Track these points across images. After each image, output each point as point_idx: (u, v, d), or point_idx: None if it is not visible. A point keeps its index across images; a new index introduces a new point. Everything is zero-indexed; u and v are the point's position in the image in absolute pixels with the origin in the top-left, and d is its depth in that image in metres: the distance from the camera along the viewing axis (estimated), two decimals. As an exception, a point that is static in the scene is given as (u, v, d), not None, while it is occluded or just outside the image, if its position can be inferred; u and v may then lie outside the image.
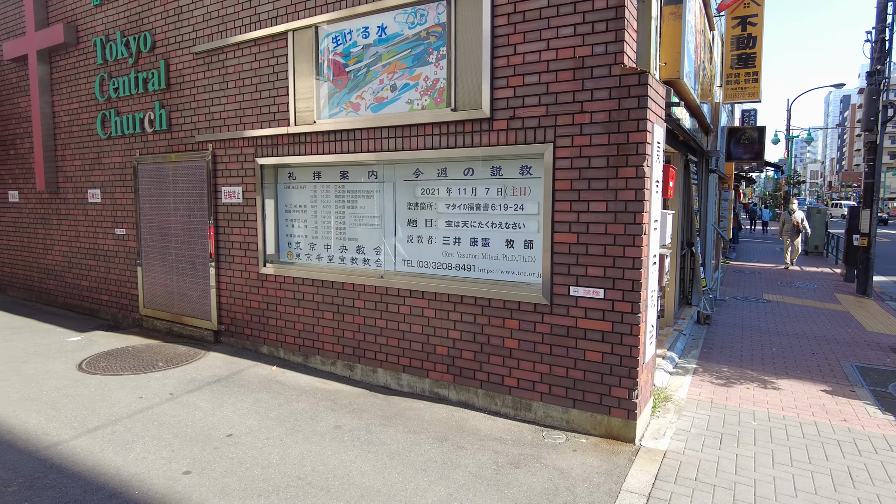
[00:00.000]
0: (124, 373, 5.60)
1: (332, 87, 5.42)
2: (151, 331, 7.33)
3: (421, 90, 4.85)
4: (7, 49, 8.79)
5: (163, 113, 6.86)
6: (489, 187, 4.69)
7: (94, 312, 8.27)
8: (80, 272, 8.40)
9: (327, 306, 5.63)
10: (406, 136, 4.95)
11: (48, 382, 5.31)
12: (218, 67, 6.27)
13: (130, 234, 7.55)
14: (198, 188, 6.64)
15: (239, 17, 6.01)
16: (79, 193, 8.25)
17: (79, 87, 7.99)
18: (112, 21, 7.40)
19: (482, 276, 4.79)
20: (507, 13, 4.34)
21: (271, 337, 6.14)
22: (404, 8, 4.87)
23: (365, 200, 5.48)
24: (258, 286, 6.18)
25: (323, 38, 5.43)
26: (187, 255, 6.85)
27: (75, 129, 8.15)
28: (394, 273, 5.27)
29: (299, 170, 5.93)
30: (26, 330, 7.36)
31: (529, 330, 4.44)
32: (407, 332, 5.11)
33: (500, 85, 4.42)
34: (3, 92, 9.37)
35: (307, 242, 5.97)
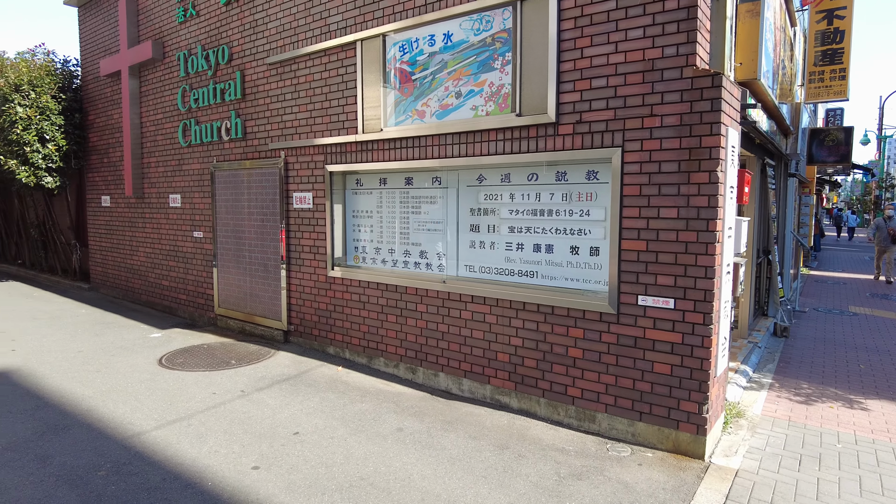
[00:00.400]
0: (200, 369, 5.90)
1: (399, 95, 5.51)
2: (225, 329, 7.68)
3: (485, 96, 4.86)
4: (104, 66, 9.50)
5: (238, 122, 7.20)
6: (554, 193, 4.63)
7: (173, 311, 8.77)
8: (162, 272, 8.94)
9: (391, 309, 5.73)
10: (470, 143, 4.97)
11: (133, 375, 5.67)
12: (290, 77, 6.52)
13: (207, 237, 7.96)
14: (270, 194, 6.92)
15: (310, 29, 6.23)
16: (161, 198, 8.79)
17: (163, 98, 8.52)
18: (194, 36, 7.84)
19: (545, 283, 4.74)
20: (574, 17, 4.28)
21: (337, 338, 6.30)
22: (470, 15, 4.90)
23: (428, 206, 5.54)
24: (326, 288, 6.36)
25: (390, 46, 5.54)
26: (260, 257, 7.15)
27: (159, 138, 8.69)
28: (456, 278, 5.29)
29: (366, 176, 6.07)
30: (115, 325, 7.89)
31: (595, 340, 4.35)
32: (468, 337, 5.12)
33: (567, 89, 4.36)
34: (99, 105, 10.13)
35: (373, 247, 6.09)
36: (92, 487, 3.54)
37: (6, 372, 5.75)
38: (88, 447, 4.08)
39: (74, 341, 6.98)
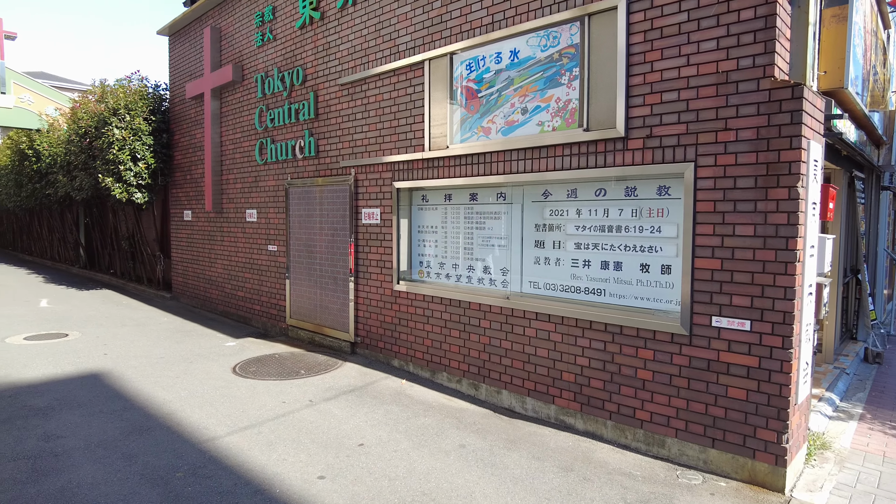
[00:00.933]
0: (270, 378, 6.12)
1: (465, 112, 5.58)
2: (295, 340, 7.95)
3: (552, 112, 4.84)
4: (189, 89, 10.17)
5: (311, 140, 7.49)
6: (623, 208, 4.53)
7: (247, 320, 9.16)
8: (238, 284, 9.37)
9: (454, 324, 5.75)
10: (536, 158, 4.95)
11: (209, 382, 5.95)
12: (360, 97, 6.74)
13: (281, 250, 8.29)
14: (341, 209, 7.14)
15: (380, 50, 6.42)
16: (239, 213, 9.24)
17: (242, 118, 8.99)
18: (271, 59, 8.26)
19: (613, 302, 4.62)
20: (644, 30, 4.20)
21: (402, 351, 6.38)
22: (537, 31, 4.91)
23: (493, 222, 5.54)
24: (391, 302, 6.47)
25: (457, 65, 5.62)
26: (329, 270, 7.37)
27: (238, 156, 9.17)
28: (520, 295, 5.25)
29: (432, 192, 6.16)
30: (193, 334, 8.33)
31: (665, 361, 4.19)
32: (532, 355, 5.06)
33: (636, 103, 4.27)
34: (184, 125, 10.82)
35: (437, 261, 6.15)
36: (171, 487, 3.74)
37: (99, 374, 6.19)
38: (168, 449, 4.31)
39: (157, 347, 7.42)
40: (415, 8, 5.99)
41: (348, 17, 6.85)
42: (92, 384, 5.85)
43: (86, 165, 11.67)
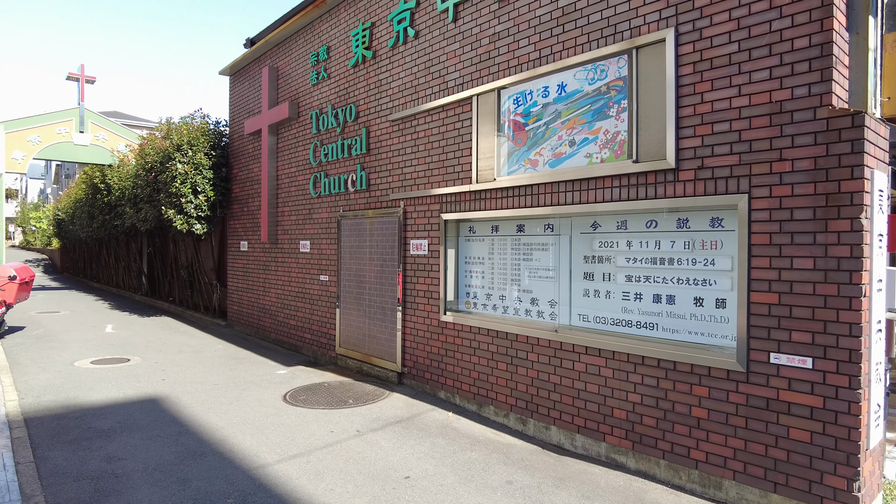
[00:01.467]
0: (319, 407, 6.20)
1: (512, 145, 5.64)
2: (344, 369, 8.05)
3: (600, 144, 4.83)
4: (248, 125, 10.68)
5: (363, 174, 7.71)
6: (675, 240, 4.44)
7: (298, 349, 9.35)
8: (290, 312, 9.61)
9: (501, 357, 5.71)
10: (584, 190, 4.93)
11: (260, 410, 6.08)
12: (410, 132, 6.91)
13: (332, 279, 8.48)
14: (390, 241, 7.27)
15: (429, 87, 6.60)
16: (293, 244, 9.53)
17: (297, 153, 9.35)
18: (325, 97, 8.60)
19: (666, 337, 4.50)
20: (693, 62, 4.18)
21: (448, 383, 6.36)
22: (584, 65, 4.95)
23: (540, 253, 5.52)
24: (438, 332, 6.49)
25: (504, 99, 5.71)
26: (378, 300, 7.48)
27: (293, 189, 9.51)
28: (569, 328, 5.18)
29: (479, 224, 6.21)
30: (246, 361, 8.56)
31: (721, 399, 4.03)
32: (582, 390, 4.96)
33: (687, 134, 4.23)
34: (242, 160, 11.33)
35: (484, 293, 6.15)
36: (222, 514, 3.81)
37: (157, 399, 6.42)
38: (220, 475, 4.42)
39: (212, 374, 7.66)
40: (463, 45, 6.15)
41: (399, 55, 7.09)
42: (150, 408, 6.07)
43: (150, 198, 12.34)
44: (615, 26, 4.69)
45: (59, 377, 7.39)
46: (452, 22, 6.29)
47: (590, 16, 4.89)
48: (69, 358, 8.58)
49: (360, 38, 7.75)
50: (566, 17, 5.09)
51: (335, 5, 8.35)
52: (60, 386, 6.95)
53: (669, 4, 4.33)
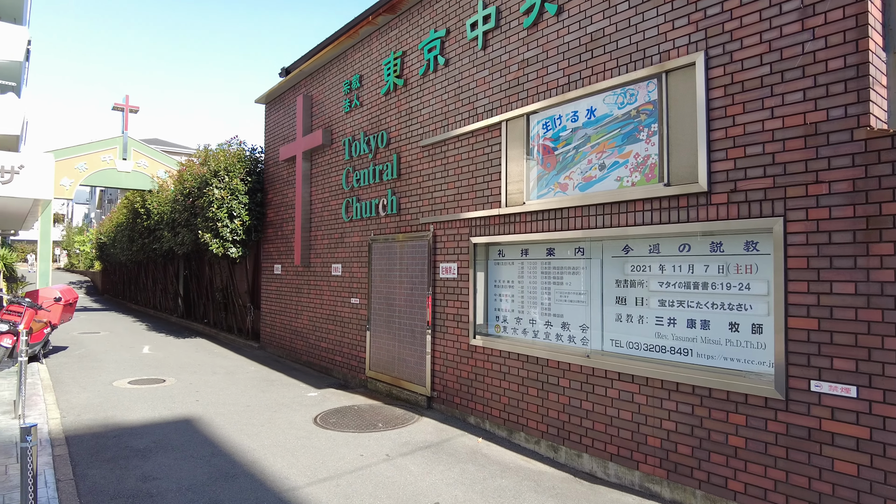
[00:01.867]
0: (349, 430, 6.22)
1: (542, 169, 5.66)
2: (374, 392, 8.06)
3: (631, 167, 4.82)
4: (283, 152, 10.97)
5: (394, 199, 7.82)
6: (708, 264, 4.37)
7: (329, 371, 9.41)
8: (321, 335, 9.70)
9: (532, 382, 5.65)
10: (615, 213, 4.91)
11: (290, 432, 6.13)
12: (440, 158, 7.00)
13: (362, 302, 8.56)
14: (419, 264, 7.33)
15: (459, 113, 6.70)
16: (325, 267, 9.67)
17: (330, 179, 9.54)
18: (358, 124, 8.79)
19: (701, 363, 4.40)
20: (724, 85, 4.16)
21: (478, 408, 6.32)
22: (614, 90, 4.97)
23: (571, 277, 5.49)
24: (468, 357, 6.47)
25: (534, 124, 5.76)
26: (408, 323, 7.51)
27: (325, 213, 9.68)
28: (601, 353, 5.11)
29: (508, 247, 6.21)
30: (278, 383, 8.65)
31: (759, 428, 3.91)
32: (615, 417, 4.86)
33: (718, 157, 4.19)
34: (277, 185, 11.61)
35: (514, 317, 6.13)
36: (253, 535, 3.83)
37: (191, 419, 6.53)
38: (251, 497, 4.45)
39: (244, 396, 7.76)
40: (492, 72, 6.24)
41: (430, 83, 7.23)
42: (184, 429, 6.18)
43: (188, 222, 12.71)
44: (644, 51, 4.71)
45: (99, 397, 7.59)
46: (482, 49, 6.40)
47: (618, 41, 4.93)
48: (108, 378, 8.81)
49: (392, 67, 7.94)
50: (594, 43, 5.13)
51: (367, 35, 8.59)
52: (100, 405, 7.13)
53: (699, 28, 4.34)
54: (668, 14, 4.55)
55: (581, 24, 5.27)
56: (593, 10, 5.17)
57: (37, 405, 6.80)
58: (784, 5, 3.88)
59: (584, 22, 5.25)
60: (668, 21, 4.55)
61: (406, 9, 7.72)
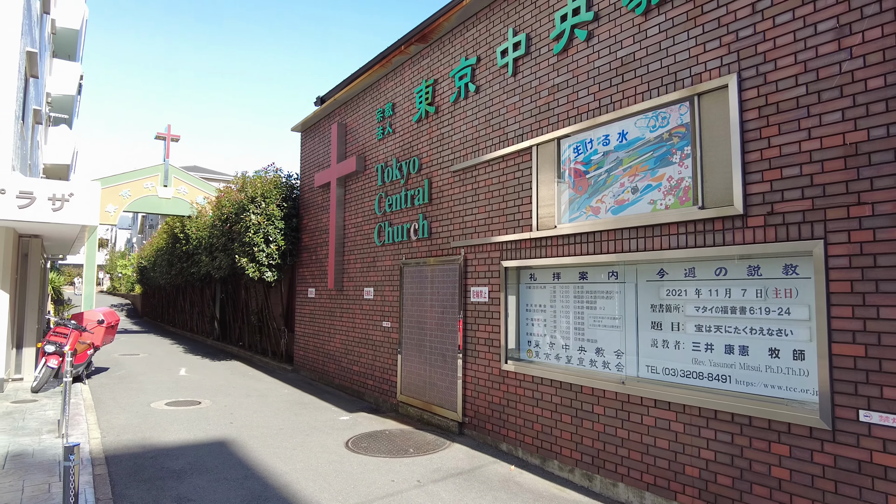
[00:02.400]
0: (380, 455, 6.19)
1: (573, 193, 5.65)
2: (405, 416, 8.03)
3: (664, 190, 4.77)
4: (317, 178, 11.21)
5: (425, 223, 7.89)
6: (746, 288, 4.27)
7: (360, 395, 9.42)
8: (353, 358, 9.75)
9: (565, 409, 5.56)
10: (648, 237, 4.85)
11: (322, 456, 6.14)
12: (471, 182, 7.06)
13: (394, 326, 8.59)
14: (450, 288, 7.34)
15: (490, 138, 6.76)
16: (357, 291, 9.77)
17: (363, 204, 9.70)
18: (390, 151, 8.94)
19: (740, 390, 4.27)
20: (758, 106, 4.11)
21: (510, 434, 6.23)
22: (645, 113, 4.96)
23: (604, 301, 5.42)
24: (500, 382, 6.41)
25: (564, 148, 5.77)
26: (439, 347, 7.50)
27: (358, 238, 9.82)
28: (636, 379, 5.00)
29: (540, 271, 6.18)
30: (310, 406, 8.70)
31: (804, 459, 3.75)
32: (651, 445, 4.74)
33: (754, 180, 4.12)
34: (312, 210, 11.84)
35: (546, 341, 6.06)
36: (284, 560, 3.83)
37: (225, 442, 6.61)
38: (284, 520, 4.46)
39: (277, 419, 7.82)
40: (522, 98, 6.30)
41: (461, 110, 7.34)
42: (219, 451, 6.26)
43: (225, 247, 13.03)
44: (675, 74, 4.70)
45: (137, 417, 7.75)
46: (512, 76, 6.47)
47: (649, 65, 4.93)
48: (146, 399, 9.01)
49: (424, 95, 8.08)
50: (625, 67, 5.15)
51: (400, 64, 8.78)
52: (138, 426, 7.29)
53: (731, 51, 4.31)
54: (700, 37, 4.54)
55: (611, 49, 5.30)
56: (623, 35, 5.19)
57: (79, 425, 6.99)
58: (819, 25, 3.83)
59: (613, 47, 5.28)
60: (700, 44, 4.54)
61: (437, 38, 7.88)
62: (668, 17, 4.81)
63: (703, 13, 4.54)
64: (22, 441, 6.22)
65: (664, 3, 4.85)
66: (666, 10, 4.83)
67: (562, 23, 5.84)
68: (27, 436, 6.44)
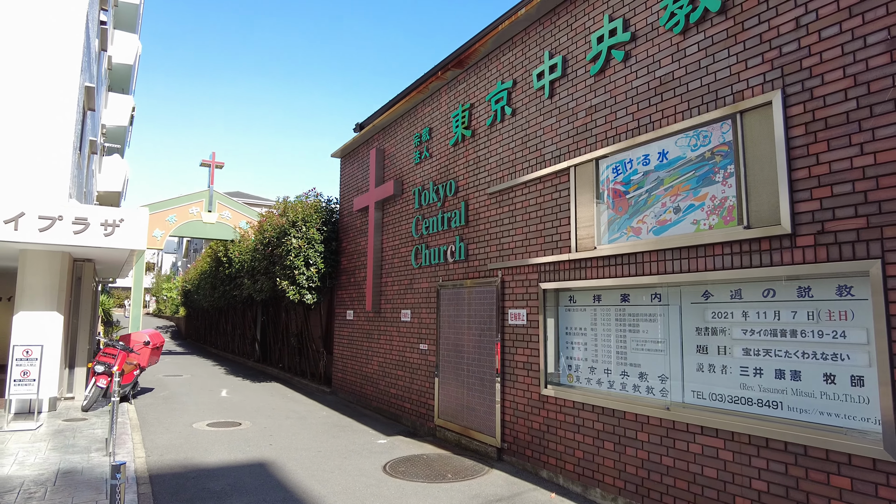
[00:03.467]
0: (418, 479, 6.13)
1: (613, 213, 5.57)
2: (442, 441, 7.95)
3: (707, 210, 4.66)
4: (356, 202, 11.39)
5: (462, 245, 7.89)
6: (796, 311, 4.10)
7: (398, 418, 9.39)
8: (390, 381, 9.75)
9: (608, 435, 5.40)
10: (692, 258, 4.73)
11: (360, 479, 6.11)
12: (507, 204, 7.05)
13: (431, 349, 8.57)
14: (488, 310, 7.29)
15: (526, 160, 6.76)
16: (394, 313, 9.80)
17: (400, 227, 9.79)
18: (427, 174, 9.03)
19: (793, 417, 4.07)
20: (804, 122, 4.00)
21: (551, 461, 6.08)
22: (686, 132, 4.88)
23: (647, 324, 5.28)
24: (539, 407, 6.29)
25: (603, 169, 5.72)
26: (476, 370, 7.42)
27: (396, 260, 9.89)
28: (681, 405, 4.84)
29: (579, 293, 6.08)
30: (348, 429, 8.71)
31: (868, 493, 3.54)
32: (698, 474, 4.55)
33: (803, 198, 3.98)
34: (350, 234, 12.02)
35: (587, 366, 5.93)
36: (322, 584, 3.80)
37: (265, 463, 6.66)
38: (322, 544, 4.43)
39: (316, 441, 7.85)
40: (560, 119, 6.29)
41: (497, 132, 7.37)
42: (258, 473, 6.30)
43: (266, 270, 13.30)
44: (716, 92, 4.62)
45: (180, 438, 7.90)
46: (549, 98, 6.48)
47: (689, 83, 4.86)
48: (188, 420, 9.18)
49: (460, 119, 8.16)
50: (664, 87, 5.09)
51: (437, 90, 8.91)
52: (180, 446, 7.42)
53: (774, 67, 4.22)
54: (741, 54, 4.46)
55: (649, 69, 5.26)
56: (661, 55, 5.15)
57: (125, 444, 7.16)
58: (869, 38, 3.72)
59: (652, 66, 5.24)
60: (741, 61, 4.46)
61: (473, 63, 7.98)
62: (708, 35, 4.75)
63: (743, 30, 4.47)
64: (72, 458, 6.41)
65: (703, 22, 4.80)
66: (705, 28, 4.78)
67: (598, 44, 5.84)
68: (77, 453, 6.63)
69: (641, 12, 5.41)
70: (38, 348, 8.45)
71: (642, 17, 5.40)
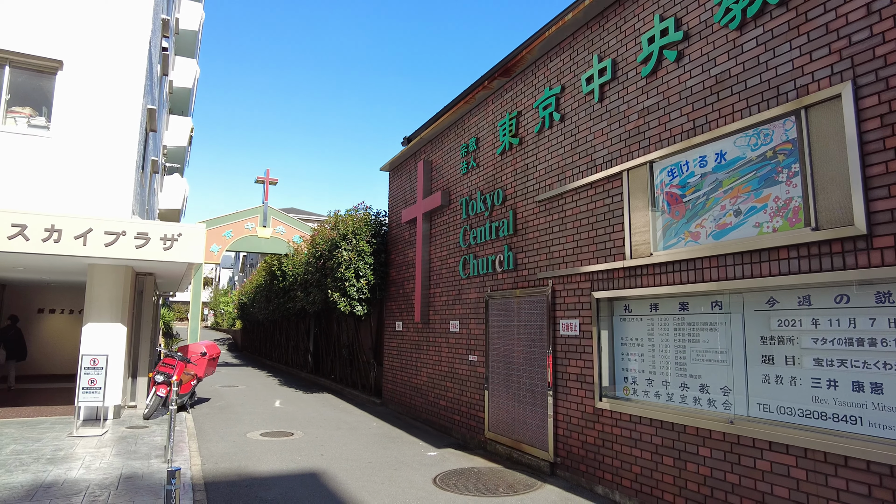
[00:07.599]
0: (469, 493, 6.00)
1: (669, 218, 5.36)
2: (493, 454, 7.79)
3: (770, 212, 4.41)
4: (404, 214, 11.46)
5: (510, 255, 7.78)
6: (875, 318, 3.80)
7: (447, 430, 9.29)
8: (440, 392, 9.67)
9: (667, 450, 5.15)
10: (755, 262, 4.48)
11: (410, 492, 6.04)
12: (557, 212, 6.90)
13: (480, 360, 8.45)
14: (538, 320, 7.13)
15: (576, 166, 6.61)
16: (443, 324, 9.75)
17: (448, 238, 9.76)
18: (474, 184, 8.98)
19: (875, 434, 3.76)
20: (880, 115, 3.73)
21: (606, 477, 5.85)
22: (745, 131, 4.65)
23: (707, 333, 5.03)
24: (594, 421, 6.08)
25: (657, 172, 5.52)
26: (527, 382, 7.26)
27: (444, 271, 9.85)
28: (746, 419, 4.56)
29: (635, 302, 5.87)
30: (399, 441, 8.67)
31: (962, 516, 3.21)
32: (768, 493, 4.26)
33: (879, 196, 3.71)
34: (399, 246, 12.08)
35: (644, 378, 5.70)
36: None
37: (316, 473, 6.68)
38: (372, 556, 4.37)
39: (366, 452, 7.84)
40: (610, 123, 6.13)
41: (545, 139, 7.26)
42: (309, 482, 6.32)
43: (319, 282, 13.52)
44: (777, 88, 4.39)
45: (234, 447, 8.05)
46: (598, 102, 6.34)
47: (747, 81, 4.64)
48: (243, 429, 9.36)
49: (507, 127, 8.09)
50: (720, 86, 4.88)
51: (483, 100, 8.88)
52: (234, 455, 7.55)
53: (842, 57, 3.97)
54: (804, 46, 4.22)
55: (704, 68, 5.06)
56: (716, 52, 4.94)
57: (182, 451, 7.34)
58: (949, 23, 3.44)
59: (707, 65, 5.04)
60: (804, 54, 4.22)
61: (520, 71, 7.91)
62: (767, 29, 4.53)
63: (807, 20, 4.23)
64: (133, 464, 6.61)
65: (761, 15, 4.58)
66: (763, 21, 4.56)
67: (649, 45, 5.67)
68: (138, 459, 6.84)
69: (694, 10, 5.23)
70: (104, 358, 8.82)
71: (695, 15, 5.21)
